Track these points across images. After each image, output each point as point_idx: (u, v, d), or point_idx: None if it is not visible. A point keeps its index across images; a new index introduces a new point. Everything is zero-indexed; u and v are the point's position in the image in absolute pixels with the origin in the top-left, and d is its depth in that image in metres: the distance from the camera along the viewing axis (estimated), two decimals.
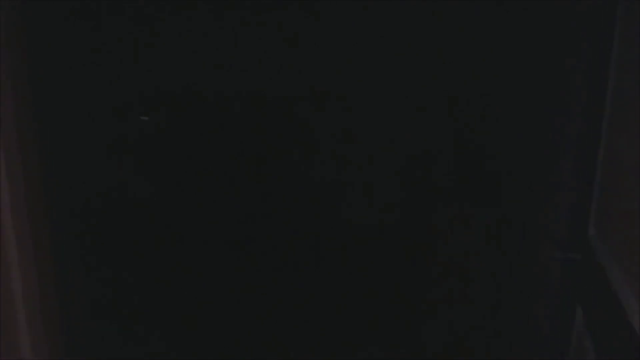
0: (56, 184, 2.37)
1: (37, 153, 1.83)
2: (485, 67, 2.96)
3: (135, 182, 3.40)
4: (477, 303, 2.76)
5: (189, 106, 3.31)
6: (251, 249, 3.42)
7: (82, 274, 3.05)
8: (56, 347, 1.98)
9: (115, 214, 3.37)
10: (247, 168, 3.39)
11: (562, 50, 2.01)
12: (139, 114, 3.27)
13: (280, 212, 3.43)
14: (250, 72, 3.22)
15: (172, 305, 3.14)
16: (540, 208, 2.19)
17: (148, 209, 3.41)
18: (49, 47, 2.98)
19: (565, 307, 1.68)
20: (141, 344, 2.85)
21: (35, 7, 1.86)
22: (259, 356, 2.80)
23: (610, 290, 1.27)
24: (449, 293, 2.79)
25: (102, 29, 3.12)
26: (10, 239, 1.68)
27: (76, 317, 2.64)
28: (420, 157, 3.20)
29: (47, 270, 1.90)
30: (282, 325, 3.01)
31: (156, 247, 3.38)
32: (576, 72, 1.80)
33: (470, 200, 2.93)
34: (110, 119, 3.28)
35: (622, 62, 1.37)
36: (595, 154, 1.48)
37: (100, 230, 3.32)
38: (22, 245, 1.72)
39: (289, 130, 3.33)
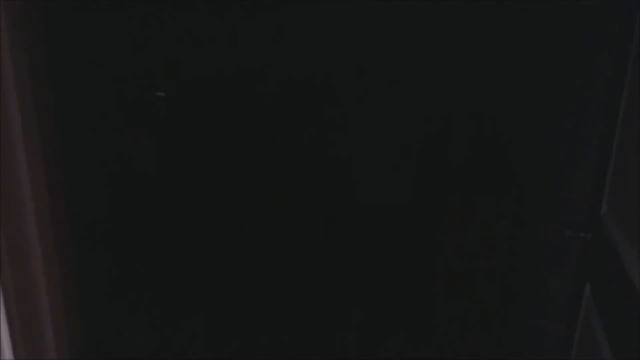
0: (77, 177, 2.39)
1: (57, 145, 1.83)
2: (504, 58, 2.94)
3: (157, 175, 3.41)
4: (485, 280, 2.78)
5: (208, 90, 3.30)
6: (268, 238, 3.44)
7: (102, 268, 3.09)
8: (77, 345, 2.00)
9: (137, 208, 3.39)
10: (262, 150, 3.39)
11: (581, 42, 2.00)
12: (155, 90, 3.27)
13: (288, 204, 3.43)
14: (269, 55, 3.21)
15: (194, 299, 3.14)
16: (552, 186, 2.19)
17: (170, 202, 3.41)
18: (66, 35, 2.99)
19: (574, 283, 1.70)
20: (162, 339, 2.86)
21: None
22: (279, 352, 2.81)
23: (621, 267, 1.28)
24: (459, 270, 2.80)
25: (117, 16, 3.12)
26: (33, 233, 1.68)
27: (98, 313, 2.67)
28: (434, 137, 3.19)
29: (68, 266, 1.90)
30: (286, 321, 3.02)
31: (176, 239, 3.39)
32: (592, 57, 1.79)
33: (481, 177, 2.94)
34: (128, 104, 3.29)
35: None
36: (612, 132, 1.48)
37: (120, 223, 3.35)
38: (45, 245, 1.72)
39: (304, 116, 3.32)
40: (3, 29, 1.46)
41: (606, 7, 1.64)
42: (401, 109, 3.18)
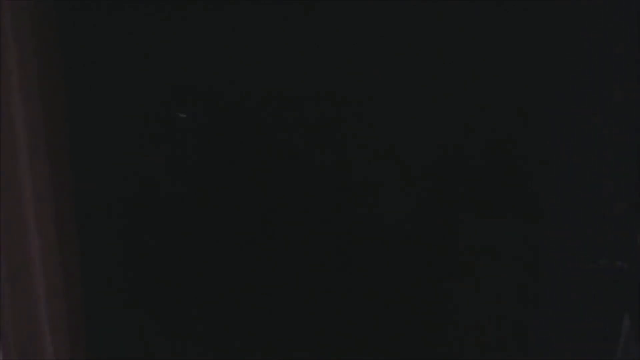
0: (84, 180, 2.39)
1: (65, 150, 1.83)
2: (527, 67, 2.88)
3: (166, 179, 3.42)
4: (516, 310, 2.69)
5: (225, 106, 3.32)
6: (275, 246, 3.42)
7: (108, 272, 3.08)
8: (79, 348, 1.97)
9: (144, 210, 3.40)
10: (275, 165, 3.38)
11: (610, 51, 1.95)
12: (176, 111, 3.30)
13: (291, 208, 3.41)
14: (279, 70, 3.22)
15: (200, 303, 3.13)
16: (587, 214, 2.12)
17: (178, 205, 3.42)
18: (82, 42, 3.03)
19: (612, 315, 1.62)
20: (169, 344, 2.83)
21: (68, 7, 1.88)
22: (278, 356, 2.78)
23: None
24: (488, 299, 2.72)
25: (135, 25, 3.15)
26: (34, 235, 1.66)
27: (101, 317, 2.65)
28: (457, 157, 3.14)
29: (72, 269, 1.88)
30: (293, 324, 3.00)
31: (183, 245, 3.38)
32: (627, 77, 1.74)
33: (511, 204, 2.87)
34: (144, 114, 3.32)
35: None
36: None
37: (128, 227, 3.35)
38: (47, 244, 1.70)
39: (313, 129, 3.31)
40: (8, 30, 1.46)
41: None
42: (410, 115, 3.13)
